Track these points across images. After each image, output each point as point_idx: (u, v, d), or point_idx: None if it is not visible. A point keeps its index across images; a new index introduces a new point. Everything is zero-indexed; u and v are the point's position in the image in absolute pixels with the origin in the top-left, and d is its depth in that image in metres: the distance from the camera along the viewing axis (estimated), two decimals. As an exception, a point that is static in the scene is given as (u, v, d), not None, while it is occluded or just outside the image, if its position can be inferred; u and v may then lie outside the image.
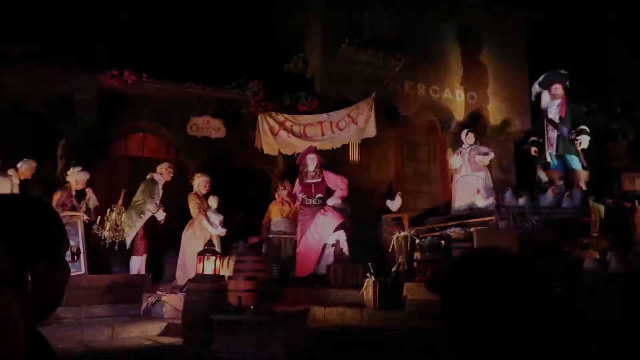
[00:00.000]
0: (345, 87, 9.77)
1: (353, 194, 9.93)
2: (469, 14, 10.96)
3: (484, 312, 0.88)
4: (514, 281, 0.90)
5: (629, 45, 11.97)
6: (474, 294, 0.90)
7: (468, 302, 0.91)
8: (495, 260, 0.94)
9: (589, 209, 6.48)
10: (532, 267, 0.94)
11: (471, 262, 0.97)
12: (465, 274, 0.95)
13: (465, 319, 0.91)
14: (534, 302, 0.88)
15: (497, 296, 0.88)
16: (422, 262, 5.92)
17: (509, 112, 10.92)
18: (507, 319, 0.87)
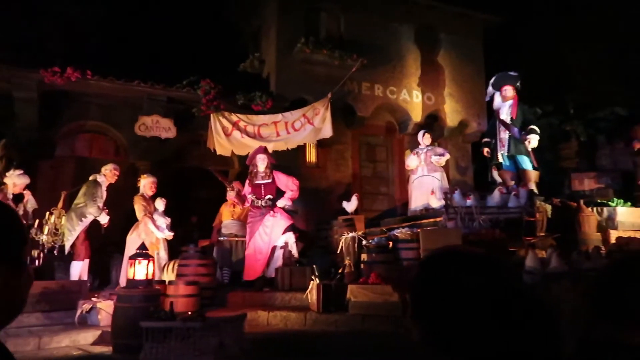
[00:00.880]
0: (301, 87, 9.63)
1: (310, 196, 9.83)
2: (426, 16, 11.00)
3: (456, 310, 0.87)
4: (485, 277, 0.90)
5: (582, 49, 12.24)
6: (445, 292, 0.90)
7: (439, 301, 0.90)
8: (465, 257, 0.94)
9: (535, 209, 6.51)
10: (502, 263, 0.95)
11: (441, 260, 0.96)
12: (435, 272, 0.94)
13: (437, 317, 0.89)
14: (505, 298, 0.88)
15: (468, 293, 0.88)
16: (368, 264, 5.81)
17: (466, 114, 10.99)
18: (480, 315, 0.86)
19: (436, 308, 0.90)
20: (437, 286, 0.91)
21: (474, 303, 0.87)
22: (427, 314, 0.92)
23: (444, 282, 0.91)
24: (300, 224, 9.47)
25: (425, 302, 0.93)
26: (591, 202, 7.58)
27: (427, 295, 0.92)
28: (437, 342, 0.90)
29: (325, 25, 10.20)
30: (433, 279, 0.93)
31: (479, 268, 0.91)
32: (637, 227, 7.16)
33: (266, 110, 9.26)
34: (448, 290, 0.89)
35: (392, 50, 10.56)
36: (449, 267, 0.92)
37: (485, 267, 0.92)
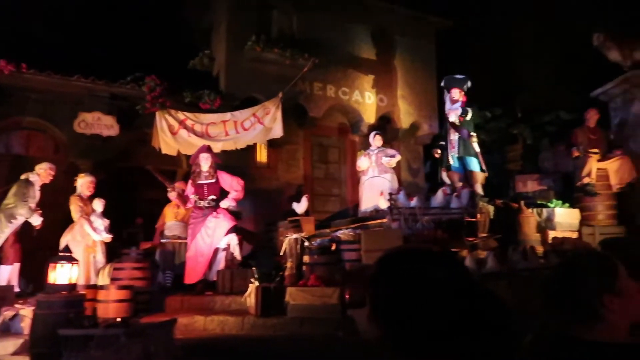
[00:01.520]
0: (251, 85, 9.46)
1: (260, 196, 9.66)
2: (380, 17, 11.03)
3: (417, 305, 0.87)
4: (445, 273, 0.90)
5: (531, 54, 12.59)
6: (406, 288, 0.89)
7: (400, 297, 0.89)
8: (424, 254, 0.94)
9: (477, 210, 6.58)
10: (458, 260, 0.97)
11: (400, 257, 0.96)
12: (395, 268, 0.93)
13: (398, 314, 0.89)
14: (466, 293, 0.88)
15: (429, 288, 0.88)
16: (310, 265, 5.71)
17: (418, 116, 11.08)
18: (439, 312, 0.86)
19: (397, 304, 0.89)
20: (398, 282, 0.91)
21: (436, 298, 0.87)
22: (387, 310, 0.90)
23: (405, 278, 0.90)
24: (249, 225, 9.30)
25: (385, 299, 0.91)
26: (532, 204, 7.76)
27: (387, 291, 0.91)
28: (397, 339, 0.88)
29: (278, 23, 10.06)
30: (393, 276, 0.92)
31: (438, 264, 0.92)
32: (573, 228, 7.37)
33: (215, 109, 9.04)
34: (409, 285, 0.89)
35: (345, 50, 10.53)
36: (409, 263, 0.92)
37: (445, 262, 0.93)
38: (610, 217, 7.44)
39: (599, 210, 7.46)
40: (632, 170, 7.41)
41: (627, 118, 8.14)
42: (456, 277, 0.91)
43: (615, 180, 7.43)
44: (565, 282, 1.37)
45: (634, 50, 8.10)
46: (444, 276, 0.90)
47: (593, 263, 1.38)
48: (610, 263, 1.37)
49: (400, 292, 0.89)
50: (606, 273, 1.35)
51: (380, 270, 0.95)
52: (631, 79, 7.96)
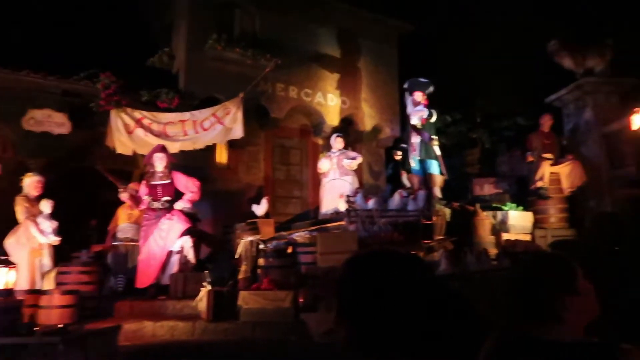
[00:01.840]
0: (211, 85, 9.27)
1: (220, 198, 9.48)
2: (343, 20, 11.03)
3: (381, 307, 0.88)
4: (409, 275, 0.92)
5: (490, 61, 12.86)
6: (370, 291, 0.90)
7: (369, 298, 0.90)
8: (392, 256, 0.96)
9: (434, 212, 6.63)
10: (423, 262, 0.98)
11: (369, 259, 0.97)
12: (364, 270, 0.94)
13: (367, 315, 0.90)
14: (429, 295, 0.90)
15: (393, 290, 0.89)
16: (265, 268, 5.61)
17: (380, 119, 11.13)
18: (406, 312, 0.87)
19: (364, 305, 0.90)
20: (365, 284, 0.91)
21: (402, 298, 0.88)
22: (355, 312, 0.91)
23: (372, 279, 0.91)
24: (208, 228, 9.12)
25: (353, 301, 0.92)
26: (487, 207, 7.89)
27: (354, 293, 0.92)
28: (364, 340, 0.89)
29: (240, 22, 9.92)
30: (360, 277, 0.93)
31: (404, 265, 0.93)
32: (527, 230, 7.54)
33: (173, 108, 8.81)
34: (376, 287, 0.90)
35: (308, 52, 10.48)
36: (376, 265, 0.94)
37: (410, 264, 0.95)
38: (562, 219, 7.64)
39: (552, 213, 7.66)
40: (583, 175, 7.64)
41: (580, 124, 8.39)
42: (422, 278, 0.93)
43: (566, 184, 7.64)
44: (527, 283, 1.41)
45: (586, 58, 8.36)
46: (410, 277, 0.92)
47: (553, 265, 1.43)
48: (569, 265, 1.42)
49: (367, 294, 0.90)
50: (566, 274, 1.40)
51: (348, 273, 0.96)
52: (583, 86, 8.21)
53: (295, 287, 5.29)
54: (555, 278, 1.40)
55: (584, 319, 1.39)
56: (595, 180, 7.82)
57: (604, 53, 8.30)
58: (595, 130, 8.06)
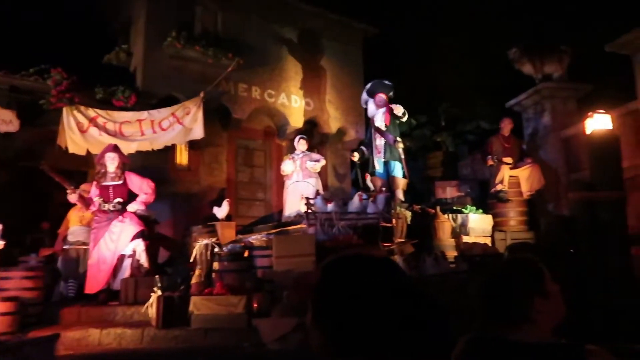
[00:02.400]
0: (170, 83, 9.00)
1: (180, 200, 9.22)
2: (308, 21, 10.93)
3: (357, 312, 0.89)
4: (384, 280, 0.93)
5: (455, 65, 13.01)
6: (346, 295, 0.91)
7: (340, 304, 0.91)
8: (366, 260, 0.97)
9: (394, 215, 6.58)
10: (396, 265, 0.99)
11: (343, 263, 0.98)
12: (339, 275, 0.95)
13: (342, 320, 0.90)
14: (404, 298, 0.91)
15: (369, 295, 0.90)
16: (219, 273, 5.42)
17: (345, 121, 11.06)
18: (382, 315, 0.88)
19: (340, 310, 0.90)
20: (341, 288, 0.92)
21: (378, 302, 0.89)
22: (330, 317, 0.91)
23: (347, 283, 0.92)
24: (168, 231, 8.83)
25: (328, 305, 0.92)
26: (448, 209, 7.91)
27: (330, 298, 0.92)
28: (340, 345, 0.89)
29: (201, 21, 9.67)
30: (336, 282, 0.93)
31: (379, 269, 0.94)
32: (487, 233, 7.59)
33: (130, 106, 8.51)
34: (351, 291, 0.90)
35: (272, 52, 10.33)
36: (351, 270, 0.94)
37: (385, 267, 0.95)
38: (521, 222, 7.72)
39: (511, 216, 7.73)
40: (541, 178, 7.74)
41: (538, 128, 8.52)
42: (397, 281, 0.94)
43: (526, 187, 7.73)
44: (499, 286, 1.46)
45: (545, 64, 8.51)
46: (385, 281, 0.92)
47: (523, 268, 1.48)
48: (538, 267, 1.47)
49: (342, 298, 0.91)
50: (536, 277, 1.45)
51: (324, 277, 0.96)
52: (541, 91, 8.34)
53: (250, 292, 5.11)
54: (526, 281, 1.44)
55: (553, 320, 1.43)
56: (554, 184, 7.95)
57: (561, 59, 8.47)
58: (553, 134, 8.20)
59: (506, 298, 1.43)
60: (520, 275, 1.46)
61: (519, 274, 1.46)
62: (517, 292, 1.43)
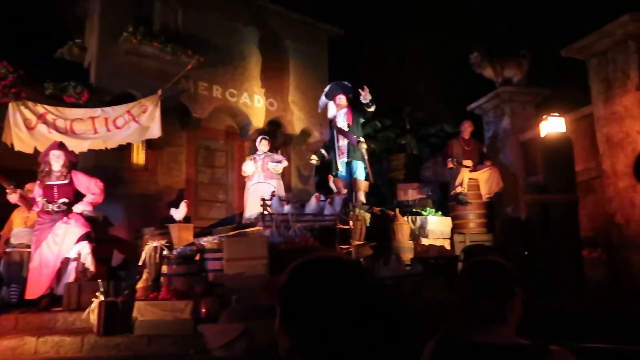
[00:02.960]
0: (126, 80, 8.68)
1: (136, 201, 8.90)
2: (271, 20, 10.77)
3: (324, 315, 0.90)
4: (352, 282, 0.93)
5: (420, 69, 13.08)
6: (312, 298, 0.92)
7: (307, 307, 0.92)
8: (334, 262, 0.97)
9: (353, 217, 6.49)
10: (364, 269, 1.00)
11: (311, 266, 0.98)
12: (307, 278, 0.96)
13: (310, 323, 0.91)
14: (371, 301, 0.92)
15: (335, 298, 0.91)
16: (168, 276, 5.19)
17: (309, 122, 10.94)
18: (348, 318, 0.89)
19: (306, 313, 0.91)
20: (307, 291, 0.93)
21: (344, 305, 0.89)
22: (297, 319, 0.92)
23: (314, 286, 0.92)
24: (122, 233, 8.50)
25: (295, 308, 0.93)
26: (408, 212, 7.88)
27: (297, 301, 0.93)
28: (306, 348, 0.90)
29: (161, 16, 9.38)
30: (303, 285, 0.94)
31: (346, 272, 0.95)
32: (445, 235, 7.59)
33: (82, 103, 8.16)
34: (318, 294, 0.91)
35: (234, 51, 10.12)
36: (318, 272, 0.95)
37: (352, 271, 0.95)
38: (480, 225, 7.74)
39: (470, 219, 7.75)
40: (500, 181, 7.79)
41: (498, 131, 8.59)
42: (363, 284, 0.94)
43: (484, 190, 7.76)
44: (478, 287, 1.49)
45: (505, 68, 8.60)
46: (352, 284, 0.92)
47: (497, 271, 1.51)
48: (509, 269, 1.51)
49: (309, 301, 0.91)
50: (510, 278, 1.49)
51: (291, 280, 0.96)
52: (501, 94, 8.42)
53: (199, 297, 4.91)
54: (503, 282, 1.48)
55: (517, 321, 1.48)
56: (512, 187, 8.01)
57: (521, 64, 8.57)
58: (512, 138, 8.29)
59: (487, 299, 1.46)
60: (498, 276, 1.49)
61: (496, 275, 1.49)
62: (497, 293, 1.46)
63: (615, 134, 6.27)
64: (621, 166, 6.18)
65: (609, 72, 6.37)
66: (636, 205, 5.97)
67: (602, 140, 6.44)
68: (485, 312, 1.45)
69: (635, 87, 6.06)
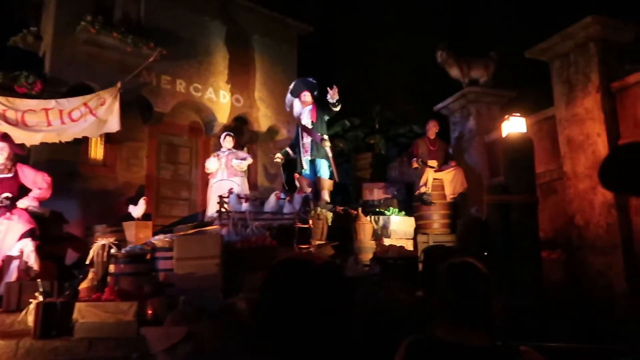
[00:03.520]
0: (83, 71, 8.35)
1: (93, 198, 8.56)
2: (239, 15, 10.55)
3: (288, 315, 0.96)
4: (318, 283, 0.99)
5: (390, 68, 13.03)
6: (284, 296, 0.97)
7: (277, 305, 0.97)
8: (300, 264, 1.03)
9: (314, 215, 6.33)
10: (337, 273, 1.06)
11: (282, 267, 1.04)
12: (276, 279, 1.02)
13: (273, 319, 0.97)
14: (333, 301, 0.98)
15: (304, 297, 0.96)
16: (115, 276, 4.94)
17: (276, 120, 10.75)
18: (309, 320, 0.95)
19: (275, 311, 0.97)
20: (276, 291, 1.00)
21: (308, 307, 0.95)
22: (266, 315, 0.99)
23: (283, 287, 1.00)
24: (77, 230, 8.15)
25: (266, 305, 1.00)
26: (372, 211, 7.78)
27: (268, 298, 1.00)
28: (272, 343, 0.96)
29: (122, 6, 9.06)
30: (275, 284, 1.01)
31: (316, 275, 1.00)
32: (408, 236, 7.51)
33: (35, 94, 7.79)
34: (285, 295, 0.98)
35: (200, 45, 9.86)
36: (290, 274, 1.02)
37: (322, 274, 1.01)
38: (444, 225, 7.69)
39: (434, 219, 7.69)
40: (464, 182, 7.76)
41: (464, 132, 8.57)
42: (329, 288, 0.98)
43: (449, 190, 7.72)
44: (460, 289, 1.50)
45: (472, 69, 8.58)
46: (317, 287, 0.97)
47: (480, 272, 1.54)
48: (487, 271, 1.55)
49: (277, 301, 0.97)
50: (490, 280, 1.53)
51: (267, 278, 1.03)
52: (467, 95, 8.40)
53: (147, 297, 4.67)
54: (485, 284, 1.51)
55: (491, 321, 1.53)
56: (477, 188, 7.99)
57: (487, 65, 8.57)
58: (477, 138, 8.27)
59: (472, 301, 1.48)
60: (481, 278, 1.51)
61: (479, 277, 1.51)
62: (481, 294, 1.49)
63: (576, 136, 6.28)
64: (582, 168, 6.20)
65: (571, 74, 6.39)
66: (595, 207, 5.99)
67: (563, 142, 6.45)
68: (469, 313, 1.47)
69: (596, 89, 6.08)
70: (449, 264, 1.65)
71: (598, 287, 5.78)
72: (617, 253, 5.73)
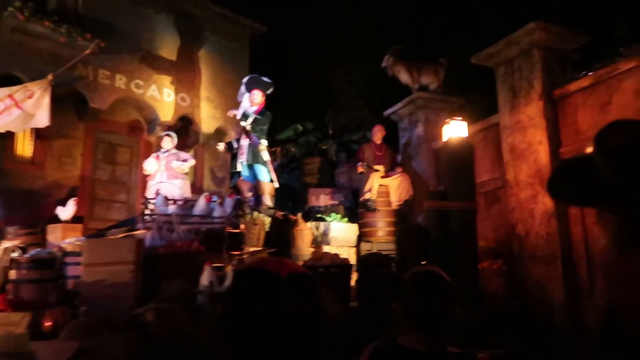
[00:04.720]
0: (10, 61, 7.77)
1: (19, 198, 7.95)
2: (187, 10, 10.13)
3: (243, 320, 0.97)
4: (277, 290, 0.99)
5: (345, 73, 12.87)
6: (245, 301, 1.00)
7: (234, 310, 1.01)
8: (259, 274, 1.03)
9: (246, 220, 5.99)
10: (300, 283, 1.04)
11: (244, 275, 1.07)
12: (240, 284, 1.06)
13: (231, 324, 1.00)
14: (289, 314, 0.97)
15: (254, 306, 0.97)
16: (16, 283, 4.44)
17: (224, 121, 10.34)
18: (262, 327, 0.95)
19: (232, 316, 1.01)
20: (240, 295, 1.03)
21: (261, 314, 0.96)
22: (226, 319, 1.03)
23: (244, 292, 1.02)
24: None
25: (227, 310, 1.04)
26: (314, 217, 7.50)
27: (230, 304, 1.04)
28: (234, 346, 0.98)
29: (59, -6, 8.51)
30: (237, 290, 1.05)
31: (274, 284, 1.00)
32: (351, 243, 7.25)
33: (-47, 83, 7.16)
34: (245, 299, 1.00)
35: (143, 39, 9.39)
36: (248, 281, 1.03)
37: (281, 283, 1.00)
38: (388, 233, 7.47)
39: (379, 227, 7.47)
40: (410, 189, 7.59)
41: (412, 138, 8.43)
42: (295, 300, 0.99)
43: (394, 197, 7.53)
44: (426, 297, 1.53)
45: (422, 74, 8.46)
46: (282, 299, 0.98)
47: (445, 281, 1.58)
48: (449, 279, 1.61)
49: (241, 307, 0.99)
50: (453, 289, 1.59)
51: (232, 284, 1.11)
52: (416, 100, 8.27)
53: (52, 307, 4.20)
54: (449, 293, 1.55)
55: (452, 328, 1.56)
56: (423, 195, 7.79)
57: (437, 71, 8.47)
58: (425, 145, 8.13)
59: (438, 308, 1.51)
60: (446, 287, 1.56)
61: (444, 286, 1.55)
62: (446, 302, 1.53)
63: (519, 144, 6.19)
64: (524, 176, 6.10)
65: (515, 81, 6.31)
66: (536, 217, 5.89)
67: (506, 149, 6.35)
68: (432, 320, 1.49)
69: (539, 96, 6.01)
70: (414, 272, 1.65)
71: (537, 298, 5.67)
72: (556, 263, 5.64)
